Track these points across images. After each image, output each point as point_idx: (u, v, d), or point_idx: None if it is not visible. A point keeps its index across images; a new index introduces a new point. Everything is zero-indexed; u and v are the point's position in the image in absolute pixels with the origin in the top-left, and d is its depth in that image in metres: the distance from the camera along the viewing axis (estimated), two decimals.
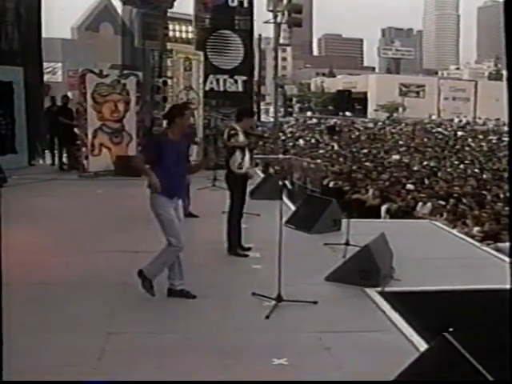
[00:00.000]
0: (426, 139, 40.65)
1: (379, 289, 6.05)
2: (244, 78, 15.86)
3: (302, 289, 5.98)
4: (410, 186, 15.29)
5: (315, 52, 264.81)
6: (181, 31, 15.61)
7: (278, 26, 28.90)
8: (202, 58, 15.28)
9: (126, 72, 14.62)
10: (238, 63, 15.81)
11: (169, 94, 14.47)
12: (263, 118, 49.79)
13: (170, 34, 15.48)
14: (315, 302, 5.57)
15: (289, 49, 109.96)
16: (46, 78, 27.00)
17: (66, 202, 10.66)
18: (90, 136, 13.82)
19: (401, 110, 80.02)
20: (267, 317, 5.20)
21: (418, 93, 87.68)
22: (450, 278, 6.78)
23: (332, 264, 6.68)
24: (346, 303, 5.79)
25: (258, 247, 7.53)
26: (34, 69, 16.24)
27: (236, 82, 15.74)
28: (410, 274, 6.68)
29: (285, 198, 11.64)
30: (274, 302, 5.47)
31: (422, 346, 4.73)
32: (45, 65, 25.78)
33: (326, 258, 7.25)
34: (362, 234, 7.76)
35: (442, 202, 12.91)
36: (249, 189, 11.28)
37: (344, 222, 8.42)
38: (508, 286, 3.19)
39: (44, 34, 18.14)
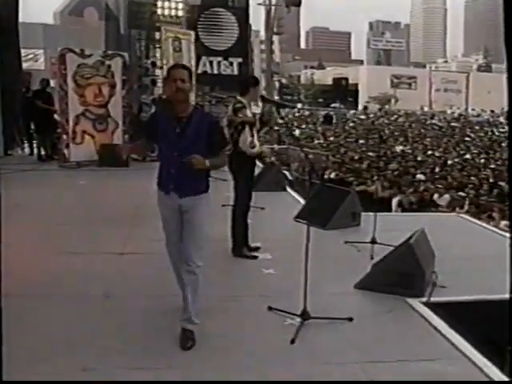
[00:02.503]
0: (422, 130, 39.61)
1: (424, 299, 4.87)
2: (239, 59, 14.58)
3: (328, 300, 4.80)
4: (420, 176, 14.07)
5: (303, 45, 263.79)
6: (170, 8, 14.27)
7: (269, 13, 27.77)
8: (192, 39, 13.99)
9: (110, 52, 13.27)
10: (232, 44, 14.52)
11: (158, 77, 13.20)
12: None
13: (159, 11, 14.15)
14: (350, 319, 4.37)
15: (276, 42, 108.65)
16: (27, 65, 25.55)
17: (44, 194, 9.39)
18: (71, 122, 12.52)
19: (393, 101, 79.02)
20: (293, 341, 4.00)
21: (409, 84, 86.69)
22: (500, 282, 5.60)
23: (359, 267, 5.50)
24: (388, 319, 4.57)
25: (267, 247, 6.33)
26: (11, 52, 14.92)
27: (231, 64, 14.46)
28: (454, 279, 5.47)
29: (289, 189, 10.50)
30: (298, 320, 4.27)
31: (500, 378, 3.60)
32: (26, 51, 24.38)
33: (350, 260, 6.05)
34: (383, 230, 6.61)
35: (462, 194, 11.76)
36: None
37: (366, 215, 7.26)
38: None
39: (24, 19, 16.86)
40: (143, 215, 7.36)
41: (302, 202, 9.00)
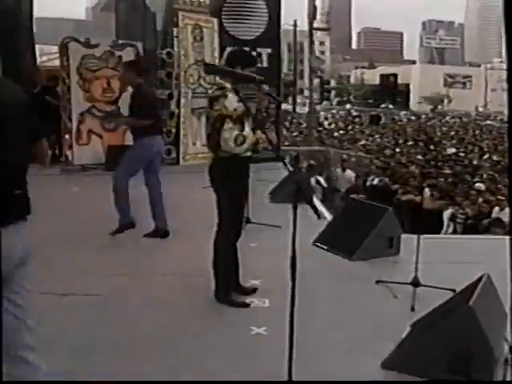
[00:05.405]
0: (477, 131, 36.99)
1: None
2: (269, 50, 12.82)
3: None
4: (480, 185, 11.93)
5: (354, 46, 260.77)
6: None
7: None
8: (216, 27, 12.35)
9: (120, 42, 11.80)
10: (261, 32, 12.76)
11: (175, 70, 11.61)
12: (299, 109, 46.40)
13: None
14: None
15: (327, 43, 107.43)
16: (55, 63, 24.45)
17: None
18: (74, 121, 11.07)
19: (446, 101, 75.74)
20: None
21: (464, 84, 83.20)
22: None
23: (395, 325, 3.77)
24: None
25: (268, 287, 4.61)
26: (19, 48, 13.65)
27: (259, 55, 12.67)
28: None
29: (317, 201, 8.71)
30: None
31: None
32: (55, 48, 23.36)
33: (382, 312, 4.26)
34: (430, 262, 4.84)
35: None
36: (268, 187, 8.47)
37: (408, 238, 5.43)
38: None
39: (55, 14, 15.52)
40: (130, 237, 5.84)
41: (330, 218, 7.22)
